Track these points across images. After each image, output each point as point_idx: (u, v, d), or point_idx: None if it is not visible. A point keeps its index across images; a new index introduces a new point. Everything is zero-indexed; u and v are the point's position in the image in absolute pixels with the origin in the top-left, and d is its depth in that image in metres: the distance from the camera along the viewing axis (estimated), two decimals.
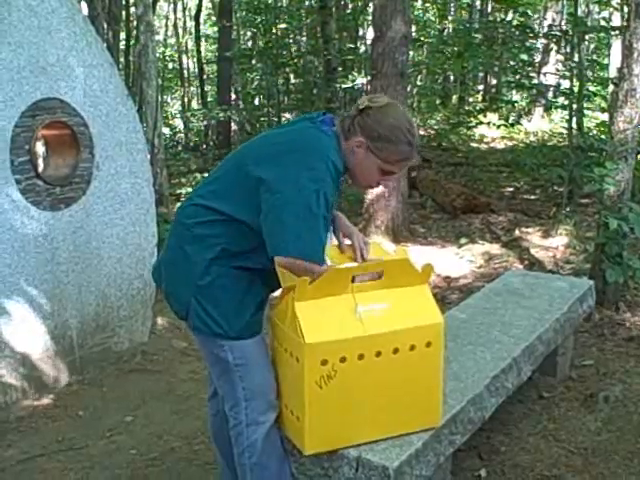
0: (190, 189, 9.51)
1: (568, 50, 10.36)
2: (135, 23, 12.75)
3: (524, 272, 4.59)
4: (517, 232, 6.74)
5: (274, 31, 14.90)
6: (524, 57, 12.21)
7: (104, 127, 4.16)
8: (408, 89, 11.57)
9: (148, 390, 3.89)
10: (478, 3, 18.73)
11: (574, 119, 9.45)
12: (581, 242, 6.21)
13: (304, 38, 17.62)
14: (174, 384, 3.97)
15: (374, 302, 2.27)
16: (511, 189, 9.42)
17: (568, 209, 7.26)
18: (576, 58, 9.58)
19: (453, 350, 3.08)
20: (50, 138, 4.03)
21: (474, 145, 13.93)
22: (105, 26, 11.58)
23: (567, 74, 10.48)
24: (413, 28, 14.16)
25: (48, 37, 3.78)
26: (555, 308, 3.72)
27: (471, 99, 20.96)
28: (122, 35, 14.26)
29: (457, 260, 6.07)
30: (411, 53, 13.09)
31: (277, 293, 2.30)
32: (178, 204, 8.80)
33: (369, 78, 12.47)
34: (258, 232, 2.11)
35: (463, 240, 6.66)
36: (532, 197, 8.86)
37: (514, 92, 18.24)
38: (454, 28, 19.39)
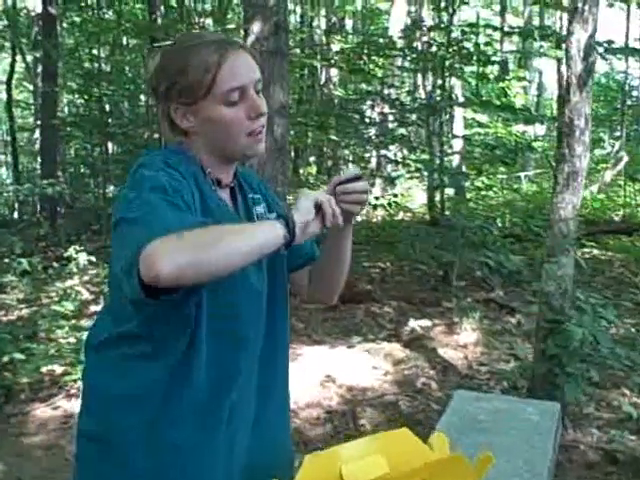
0: (13, 277, 8.04)
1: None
2: None
3: (473, 395, 3.77)
4: (418, 328, 5.99)
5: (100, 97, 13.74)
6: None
7: None
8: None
9: None
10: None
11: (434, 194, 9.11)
12: (490, 339, 5.59)
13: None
14: None
15: None
16: (377, 270, 8.78)
17: (469, 300, 6.66)
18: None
19: None
20: None
21: None
22: None
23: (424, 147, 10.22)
24: None
25: None
26: (539, 451, 2.94)
27: (302, 170, 20.64)
28: None
29: (357, 365, 5.19)
30: None
31: None
32: None
33: None
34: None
35: (355, 338, 5.82)
36: (403, 279, 8.25)
37: (350, 165, 18.07)
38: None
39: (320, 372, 5.02)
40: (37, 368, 4.89)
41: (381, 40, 11.10)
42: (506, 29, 10.88)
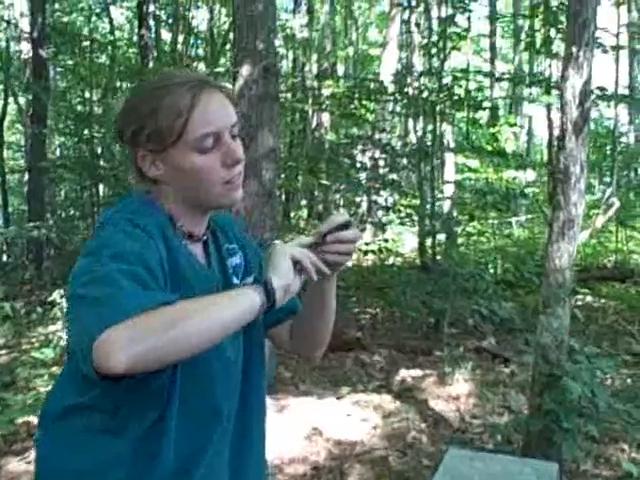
0: None
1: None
2: None
3: (467, 453, 3.61)
4: (408, 378, 5.82)
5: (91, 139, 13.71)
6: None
7: None
8: None
9: None
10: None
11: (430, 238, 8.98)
12: (484, 391, 5.41)
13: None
14: None
15: None
16: (367, 317, 8.62)
17: (461, 349, 6.49)
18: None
19: None
20: None
21: None
22: None
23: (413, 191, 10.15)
24: None
25: None
26: None
27: (292, 214, 20.54)
28: None
29: (345, 418, 5.00)
30: None
31: None
32: None
33: None
34: None
35: (344, 389, 5.62)
36: (394, 327, 8.09)
37: (341, 210, 17.97)
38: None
39: (307, 425, 4.83)
40: (12, 420, 4.69)
41: (372, 85, 11.11)
42: (497, 76, 10.91)
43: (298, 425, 4.81)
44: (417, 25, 8.73)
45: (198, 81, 1.36)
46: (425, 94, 8.29)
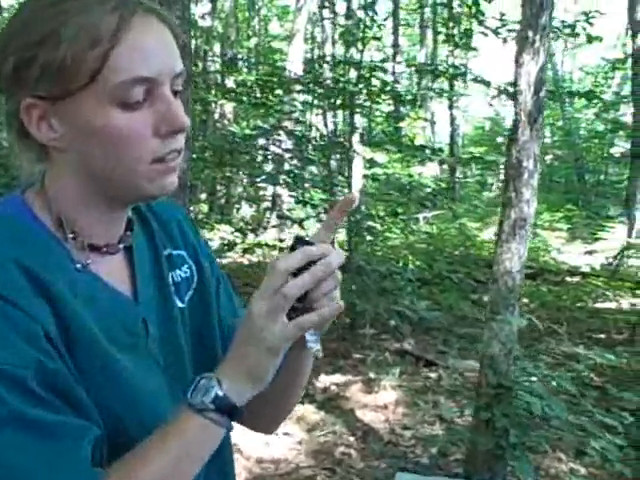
0: None
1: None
2: None
3: (414, 477, 3.26)
4: (332, 386, 5.42)
5: None
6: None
7: None
8: None
9: None
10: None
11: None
12: (411, 398, 5.10)
13: None
14: None
15: None
16: None
17: (386, 354, 6.16)
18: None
19: None
20: None
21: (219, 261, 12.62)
22: None
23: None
24: None
25: None
26: None
27: (192, 208, 19.87)
28: None
29: None
30: None
31: None
32: None
33: None
34: None
35: None
36: None
37: (243, 204, 17.53)
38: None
39: None
40: None
41: (286, 74, 10.72)
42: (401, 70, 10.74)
43: None
44: (333, 13, 8.35)
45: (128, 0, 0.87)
46: (340, 84, 7.95)
